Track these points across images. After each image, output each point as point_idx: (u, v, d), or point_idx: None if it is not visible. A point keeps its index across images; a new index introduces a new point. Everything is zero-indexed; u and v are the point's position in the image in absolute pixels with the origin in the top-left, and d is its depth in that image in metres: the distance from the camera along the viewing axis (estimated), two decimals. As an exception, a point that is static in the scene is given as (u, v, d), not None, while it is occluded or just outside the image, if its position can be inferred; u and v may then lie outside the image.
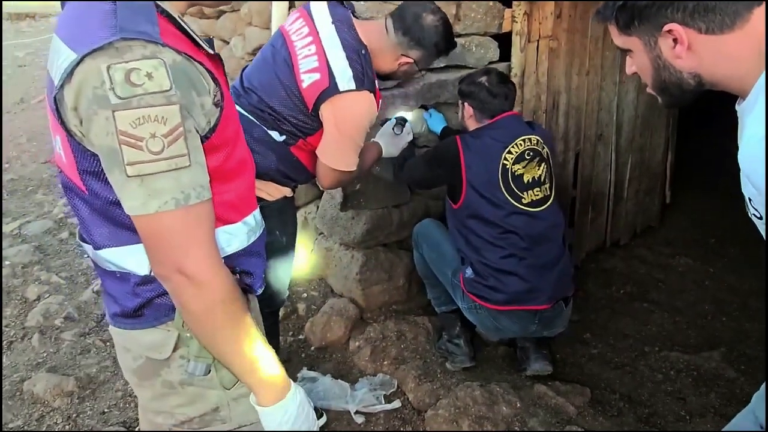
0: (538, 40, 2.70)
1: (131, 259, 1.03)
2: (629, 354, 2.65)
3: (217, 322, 0.97)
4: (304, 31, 1.80)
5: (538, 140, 2.21)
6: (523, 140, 2.18)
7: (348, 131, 1.79)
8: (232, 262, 1.08)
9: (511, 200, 2.15)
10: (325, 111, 1.76)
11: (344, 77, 1.73)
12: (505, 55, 2.68)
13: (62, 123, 0.92)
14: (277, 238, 1.92)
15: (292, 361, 2.53)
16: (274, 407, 1.06)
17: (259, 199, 1.88)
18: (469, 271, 2.23)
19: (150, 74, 0.85)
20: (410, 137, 2.21)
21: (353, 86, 1.73)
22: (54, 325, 2.79)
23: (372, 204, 2.64)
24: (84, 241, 1.11)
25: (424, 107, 2.55)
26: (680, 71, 1.00)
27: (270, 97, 1.82)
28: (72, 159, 0.97)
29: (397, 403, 2.28)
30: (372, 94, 1.78)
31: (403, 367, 2.40)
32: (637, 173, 3.51)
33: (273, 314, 2.16)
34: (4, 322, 2.83)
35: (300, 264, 2.99)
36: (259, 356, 1.03)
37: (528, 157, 2.17)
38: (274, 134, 1.83)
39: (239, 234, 1.11)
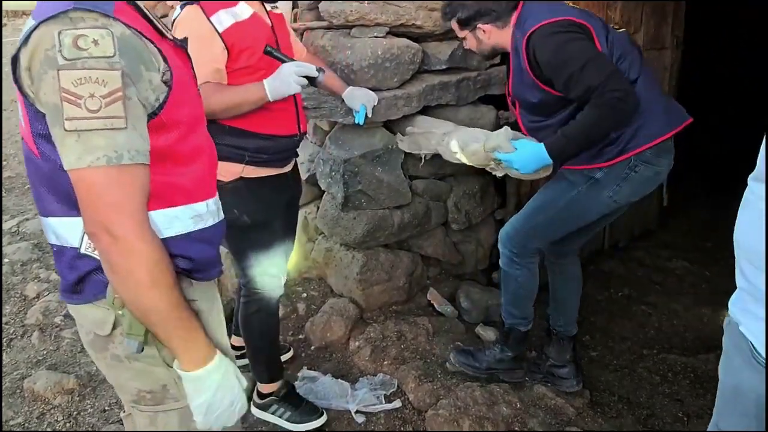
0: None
1: (70, 231, 1.08)
2: (628, 356, 2.66)
3: (140, 284, 1.01)
4: None
5: None
6: None
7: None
8: (172, 244, 1.12)
9: None
10: None
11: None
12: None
13: (18, 85, 1.00)
14: (237, 216, 1.95)
15: (293, 360, 2.53)
16: (195, 373, 1.10)
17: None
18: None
19: (96, 41, 0.95)
20: (298, 89, 1.86)
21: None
22: (54, 323, 2.79)
23: (373, 205, 2.65)
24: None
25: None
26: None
27: None
28: (28, 123, 1.04)
29: (397, 403, 2.29)
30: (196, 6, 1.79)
31: (403, 367, 2.41)
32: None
33: (269, 313, 2.15)
34: (3, 320, 2.82)
35: (299, 263, 3.00)
36: (181, 322, 1.07)
37: None
38: None
39: (183, 218, 1.15)
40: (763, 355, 1.08)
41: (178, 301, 1.06)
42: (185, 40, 1.23)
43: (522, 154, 2.00)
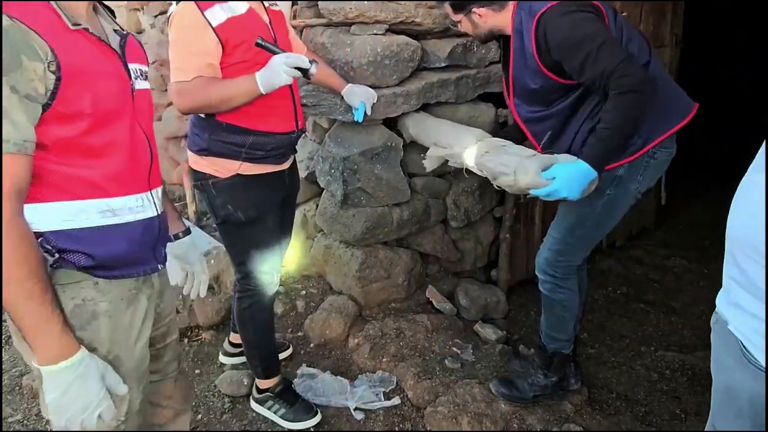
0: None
1: None
2: (626, 354, 2.67)
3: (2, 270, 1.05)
4: None
5: None
6: None
7: (171, 41, 1.82)
8: (72, 237, 1.16)
9: None
10: None
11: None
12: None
13: None
14: (231, 212, 1.96)
15: (292, 357, 2.54)
16: (47, 368, 1.12)
17: (210, 175, 1.93)
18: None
19: None
20: (288, 80, 1.80)
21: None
22: (52, 320, 2.79)
23: (372, 202, 2.65)
24: None
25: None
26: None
27: None
28: None
29: (396, 400, 2.29)
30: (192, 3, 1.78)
31: (402, 365, 2.42)
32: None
33: (262, 309, 2.15)
34: (3, 317, 2.82)
35: (298, 260, 3.01)
36: (31, 315, 1.09)
37: None
38: None
39: (90, 212, 1.18)
40: (754, 354, 1.06)
41: (30, 294, 1.08)
42: (126, 34, 1.31)
43: (563, 180, 1.79)
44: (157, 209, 1.33)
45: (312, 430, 2.18)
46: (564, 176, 1.80)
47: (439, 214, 2.88)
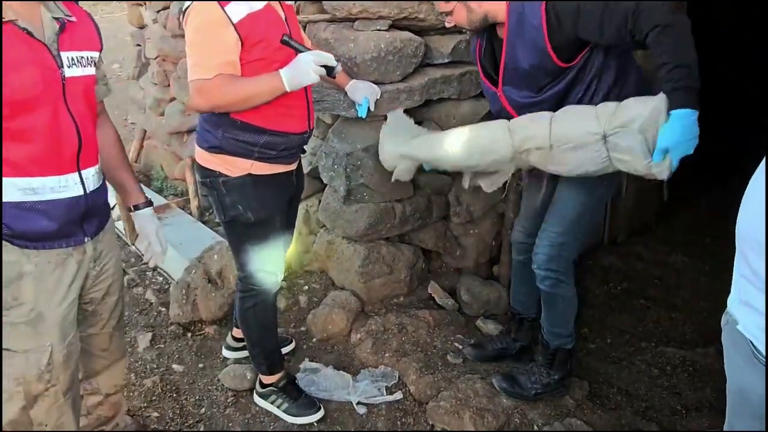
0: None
1: None
2: (626, 349, 2.68)
3: None
4: None
5: None
6: None
7: (189, 38, 1.79)
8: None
9: None
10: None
11: None
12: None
13: None
14: (241, 213, 1.96)
15: (294, 352, 2.55)
16: None
17: (220, 173, 1.93)
18: None
19: None
20: (316, 78, 1.80)
21: None
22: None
23: (375, 198, 2.66)
24: None
25: None
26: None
27: None
28: None
29: (398, 395, 2.30)
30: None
31: (404, 360, 2.43)
32: (636, 171, 3.54)
33: (266, 308, 2.16)
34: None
35: (300, 256, 3.02)
36: None
37: None
38: None
39: (10, 188, 1.36)
40: (763, 353, 1.07)
41: None
42: (64, 23, 1.41)
43: (681, 146, 1.66)
44: (84, 189, 1.49)
45: (315, 424, 2.20)
46: (678, 144, 1.67)
47: (441, 210, 2.89)
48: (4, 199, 1.36)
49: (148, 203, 1.78)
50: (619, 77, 1.95)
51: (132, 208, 1.76)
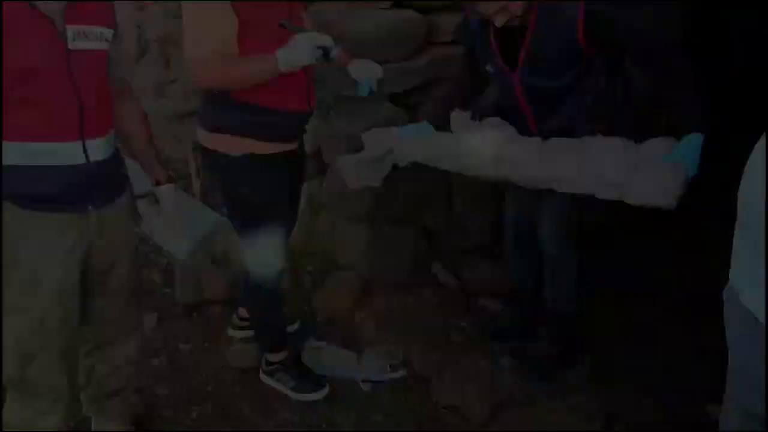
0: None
1: None
2: (632, 326, 2.68)
3: None
4: None
5: None
6: None
7: (186, 16, 1.79)
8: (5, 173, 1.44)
9: None
10: None
11: None
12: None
13: None
14: (245, 194, 1.96)
15: (299, 331, 2.57)
16: None
17: (222, 154, 1.93)
18: None
19: None
20: (311, 60, 1.81)
21: None
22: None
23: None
24: None
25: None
26: None
27: None
28: None
29: (402, 372, 2.33)
30: None
31: (408, 338, 2.45)
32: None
33: (270, 289, 2.16)
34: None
35: (304, 237, 3.02)
36: None
37: None
38: None
39: (12, 151, 1.43)
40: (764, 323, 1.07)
41: None
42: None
43: (691, 164, 1.87)
44: (87, 158, 1.52)
45: (321, 401, 2.22)
46: (690, 162, 1.86)
47: (445, 190, 2.89)
48: (7, 162, 1.43)
49: (170, 179, 1.83)
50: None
51: (155, 183, 1.80)
